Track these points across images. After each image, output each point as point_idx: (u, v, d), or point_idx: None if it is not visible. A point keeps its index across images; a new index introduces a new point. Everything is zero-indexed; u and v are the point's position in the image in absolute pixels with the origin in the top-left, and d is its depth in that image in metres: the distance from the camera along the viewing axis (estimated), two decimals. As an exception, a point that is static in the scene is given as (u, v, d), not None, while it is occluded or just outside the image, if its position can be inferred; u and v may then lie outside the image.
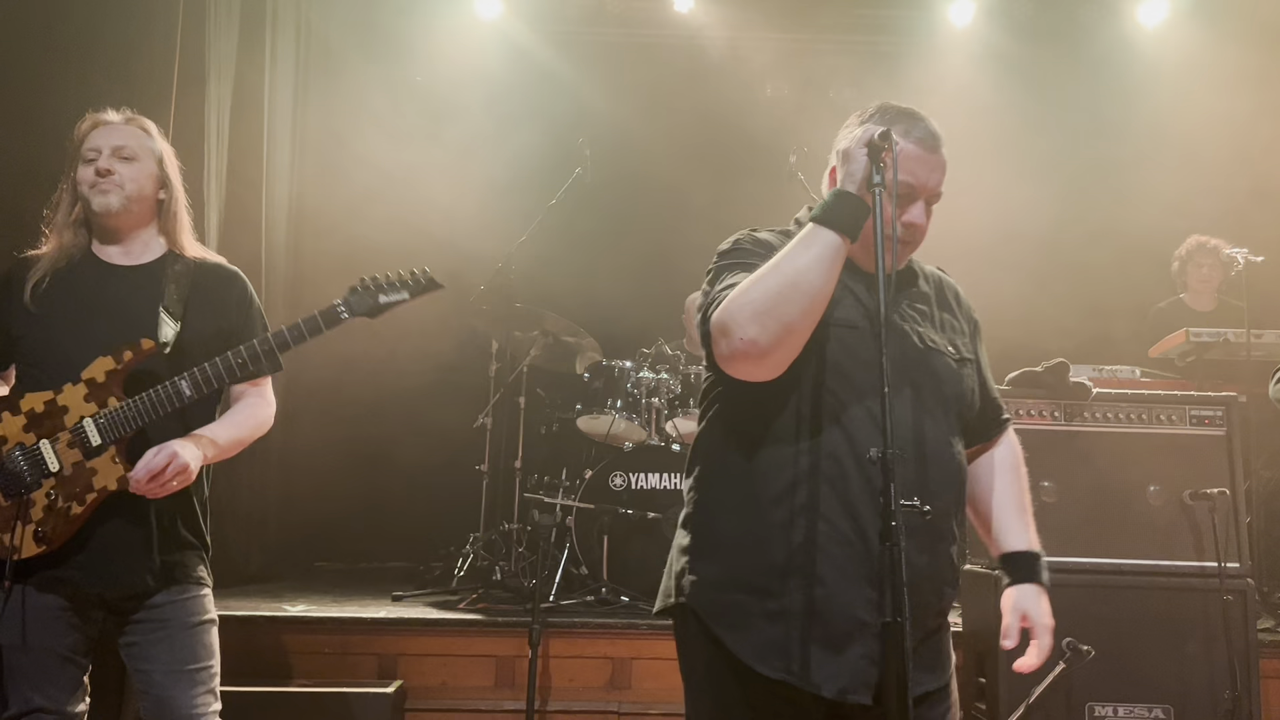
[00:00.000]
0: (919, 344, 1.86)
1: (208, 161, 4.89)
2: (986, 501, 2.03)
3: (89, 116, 2.48)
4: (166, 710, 2.31)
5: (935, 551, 1.79)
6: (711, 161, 6.22)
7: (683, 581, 1.86)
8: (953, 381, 1.88)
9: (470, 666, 3.79)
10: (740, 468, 1.81)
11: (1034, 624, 1.90)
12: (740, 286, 1.74)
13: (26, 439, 2.28)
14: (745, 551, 1.77)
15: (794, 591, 1.72)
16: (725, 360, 1.76)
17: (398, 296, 2.42)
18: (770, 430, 1.78)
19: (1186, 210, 5.50)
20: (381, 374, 5.78)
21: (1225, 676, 3.26)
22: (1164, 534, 3.39)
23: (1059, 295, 5.75)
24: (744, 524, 1.78)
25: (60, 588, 2.28)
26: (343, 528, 6.13)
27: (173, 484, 2.25)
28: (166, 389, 2.29)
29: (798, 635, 1.71)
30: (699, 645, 1.83)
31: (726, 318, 1.72)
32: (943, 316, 1.96)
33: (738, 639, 1.75)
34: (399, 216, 5.61)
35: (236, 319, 2.50)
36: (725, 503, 1.83)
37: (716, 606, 1.79)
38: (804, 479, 1.74)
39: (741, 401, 1.83)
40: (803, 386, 1.77)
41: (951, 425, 1.86)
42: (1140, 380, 4.04)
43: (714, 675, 1.80)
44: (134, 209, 2.43)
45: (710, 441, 1.91)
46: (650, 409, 4.87)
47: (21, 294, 2.36)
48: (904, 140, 1.79)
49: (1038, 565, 1.96)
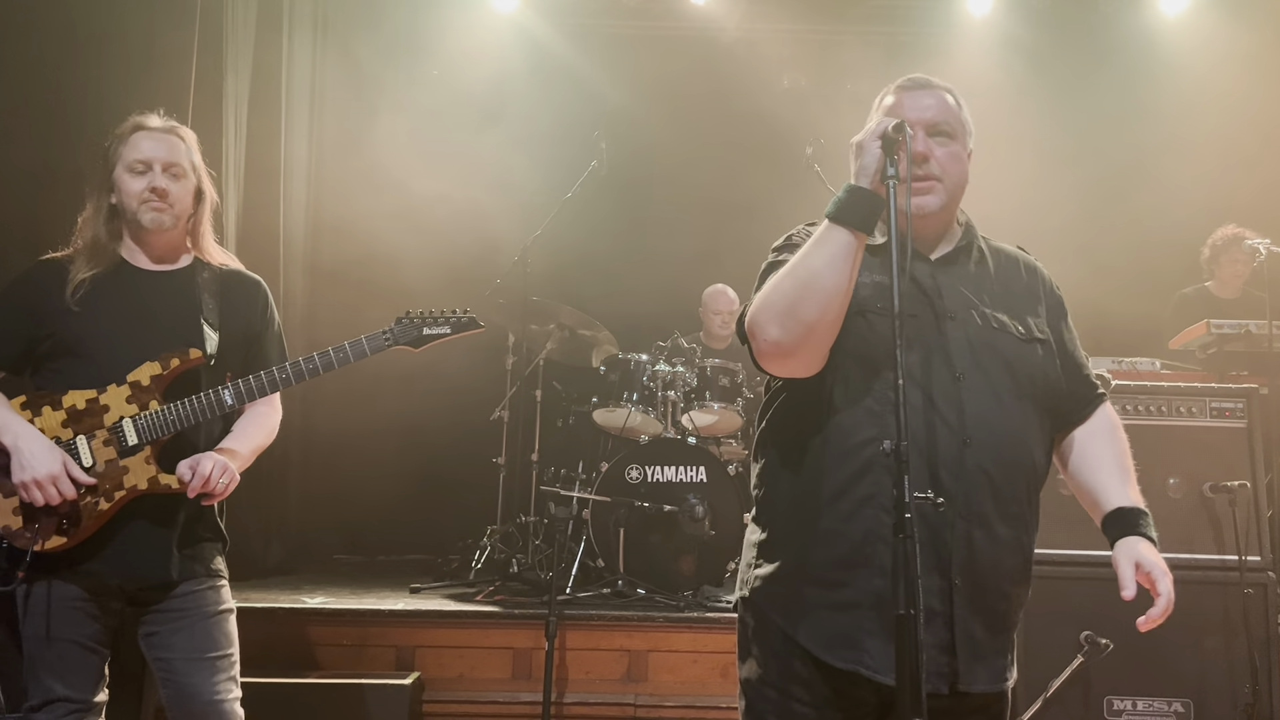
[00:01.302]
0: (981, 324, 1.81)
1: (225, 158, 4.92)
2: (1082, 470, 1.92)
3: (132, 120, 2.51)
4: (188, 698, 2.34)
5: (996, 536, 1.74)
6: (728, 154, 6.21)
7: (750, 575, 1.87)
8: (1024, 361, 1.81)
9: (487, 658, 3.81)
10: (802, 461, 1.81)
11: (1152, 571, 1.76)
12: (766, 287, 1.76)
13: (64, 434, 2.33)
14: (811, 545, 1.77)
15: (859, 583, 1.71)
16: (760, 359, 1.79)
17: (441, 331, 2.56)
18: (828, 423, 1.77)
19: (1211, 201, 5.45)
20: (400, 370, 5.79)
21: (1245, 671, 3.24)
22: (1184, 527, 3.36)
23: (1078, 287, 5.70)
24: (808, 518, 1.77)
25: (81, 580, 2.31)
26: (361, 521, 6.17)
27: (223, 491, 2.36)
28: (209, 397, 2.37)
29: (866, 626, 1.70)
30: (766, 638, 1.82)
31: (752, 319, 1.76)
32: (1008, 294, 1.89)
33: (807, 631, 1.75)
34: (416, 211, 5.63)
35: (260, 326, 2.60)
36: (789, 497, 1.83)
37: (783, 599, 1.80)
38: (863, 471, 1.73)
39: (796, 395, 1.83)
40: (852, 377, 1.76)
41: (1026, 409, 1.80)
42: (1161, 372, 4.01)
43: (782, 668, 1.79)
44: (180, 225, 2.51)
45: (772, 435, 1.91)
46: (666, 402, 4.88)
47: (60, 295, 2.39)
48: (897, 94, 1.86)
49: (1143, 520, 1.83)
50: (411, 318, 2.53)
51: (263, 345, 2.59)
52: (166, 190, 2.44)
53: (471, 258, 5.76)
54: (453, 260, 5.68)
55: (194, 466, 2.32)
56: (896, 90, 1.89)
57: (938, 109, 1.85)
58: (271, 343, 2.62)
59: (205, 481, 2.31)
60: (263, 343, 2.59)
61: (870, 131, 1.72)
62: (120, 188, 2.45)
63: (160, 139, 2.48)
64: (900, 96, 1.87)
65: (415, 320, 2.53)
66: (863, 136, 1.73)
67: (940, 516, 1.67)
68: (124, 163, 2.45)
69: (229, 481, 2.36)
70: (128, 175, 2.44)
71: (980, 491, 1.73)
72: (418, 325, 2.53)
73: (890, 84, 1.91)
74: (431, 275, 5.57)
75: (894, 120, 1.71)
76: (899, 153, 1.67)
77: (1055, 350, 1.89)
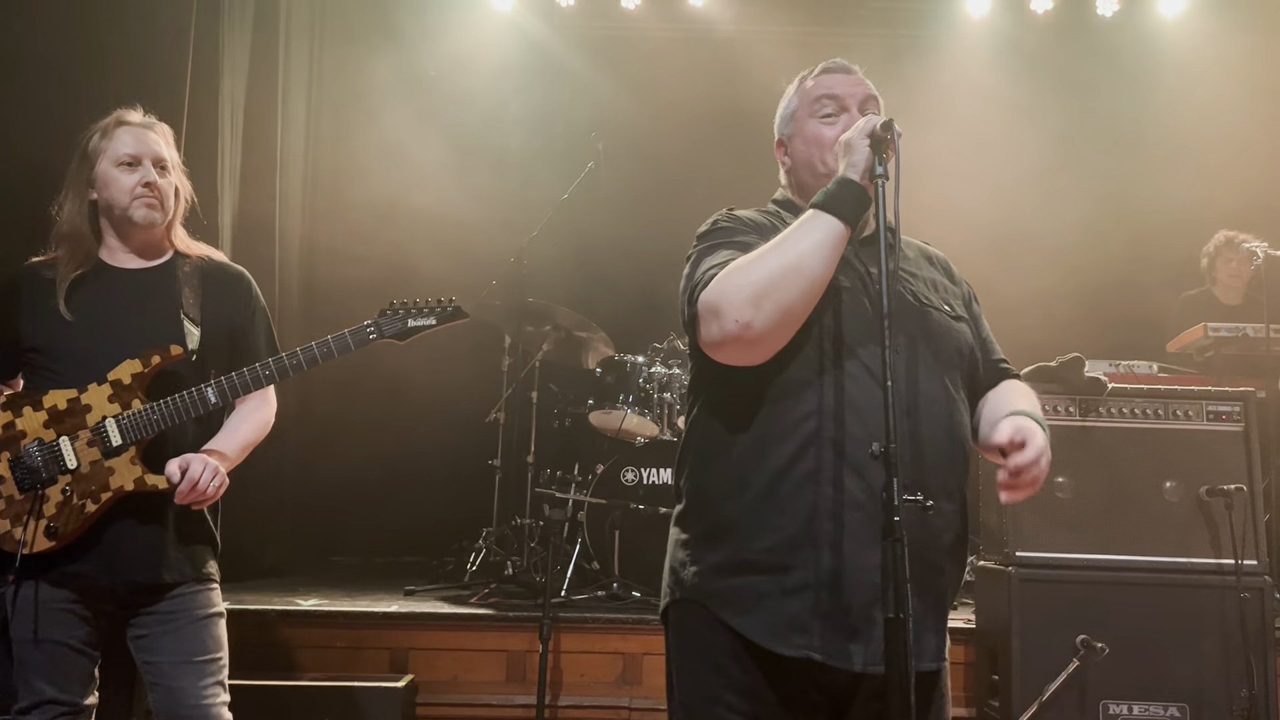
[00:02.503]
0: (913, 301, 1.82)
1: (221, 159, 4.91)
2: (988, 414, 1.88)
3: (114, 115, 2.49)
4: (175, 701, 2.32)
5: (938, 512, 1.69)
6: (724, 154, 6.19)
7: (683, 574, 1.79)
8: (950, 337, 1.83)
9: (482, 661, 3.80)
10: (739, 448, 1.74)
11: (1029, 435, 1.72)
12: (733, 267, 1.70)
13: (46, 435, 2.30)
14: (752, 531, 1.70)
15: (810, 563, 1.65)
16: (713, 345, 1.71)
17: (426, 322, 2.48)
18: (767, 401, 1.72)
19: (1210, 204, 5.43)
20: (395, 371, 5.79)
21: (1242, 675, 3.23)
22: (1180, 531, 3.36)
23: (1074, 290, 5.70)
24: (748, 503, 1.71)
25: (71, 582, 2.30)
26: (356, 523, 6.17)
27: (213, 495, 2.32)
28: (192, 395, 2.33)
29: (817, 609, 1.64)
30: (704, 637, 1.74)
31: (718, 299, 1.67)
32: (933, 278, 1.92)
33: (751, 622, 1.68)
34: (412, 211, 5.62)
35: (244, 319, 2.55)
36: (726, 486, 1.74)
37: (726, 592, 1.72)
38: (808, 446, 1.68)
39: (732, 382, 1.75)
40: (799, 352, 1.72)
41: (954, 380, 1.80)
42: (1158, 376, 4.01)
43: (720, 665, 1.71)
44: (166, 220, 2.48)
45: (702, 432, 1.83)
46: (662, 404, 4.87)
47: (45, 300, 2.37)
48: (822, 75, 1.94)
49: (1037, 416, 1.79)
50: (395, 309, 2.47)
51: (249, 338, 2.53)
52: (160, 186, 2.43)
53: (468, 258, 5.75)
54: (449, 261, 5.66)
55: (184, 467, 2.28)
56: (823, 72, 1.95)
57: (866, 89, 1.92)
58: (259, 335, 2.56)
59: (194, 485, 2.27)
60: (249, 335, 2.54)
61: (859, 129, 1.72)
62: (107, 183, 2.41)
63: (146, 134, 2.46)
64: (831, 76, 1.94)
65: (399, 311, 2.47)
66: (851, 134, 1.73)
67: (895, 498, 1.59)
68: (110, 157, 2.41)
69: (219, 485, 2.32)
70: (116, 170, 2.41)
71: (917, 461, 1.69)
72: (401, 317, 2.46)
73: (809, 70, 1.98)
74: (428, 275, 5.56)
75: (881, 118, 1.70)
76: (888, 151, 1.67)
77: (973, 330, 1.93)
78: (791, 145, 1.97)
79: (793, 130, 1.96)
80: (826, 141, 1.85)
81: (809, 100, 1.93)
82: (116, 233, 2.46)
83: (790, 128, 1.97)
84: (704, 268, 1.76)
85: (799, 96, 1.96)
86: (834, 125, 1.87)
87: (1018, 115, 5.95)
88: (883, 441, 1.56)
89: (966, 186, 5.59)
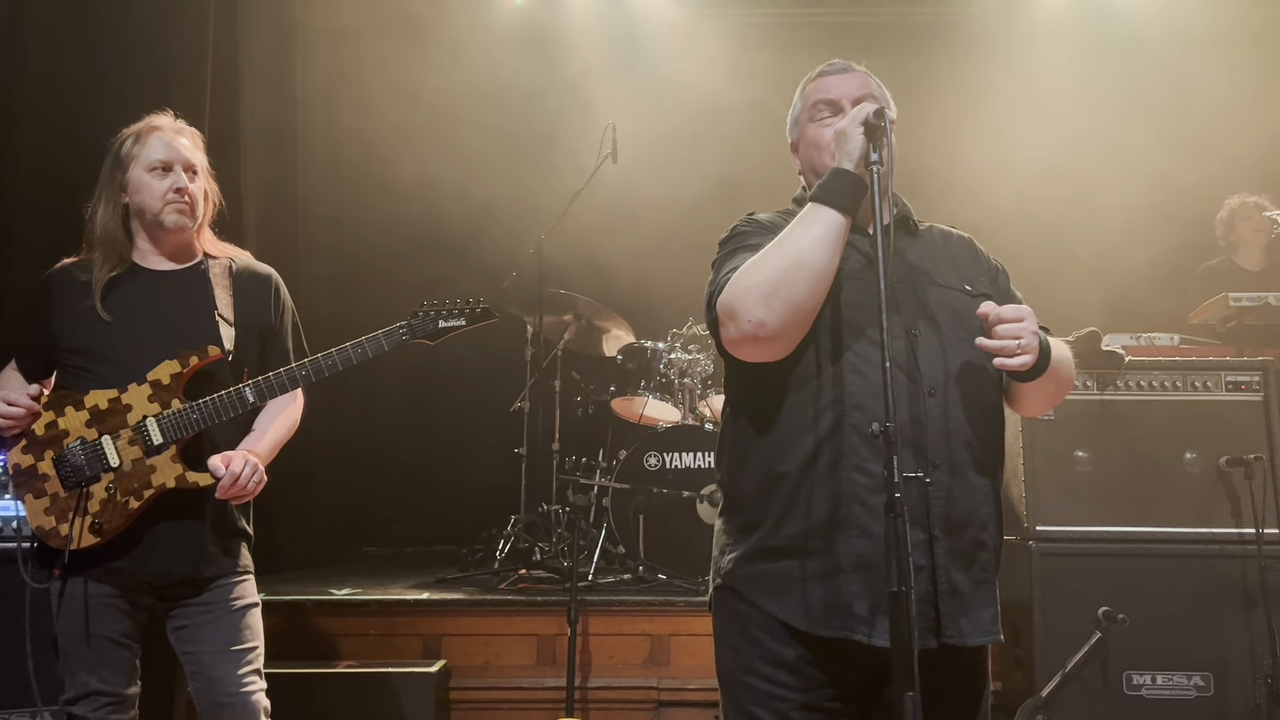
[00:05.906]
0: (930, 283, 1.86)
1: (243, 159, 4.99)
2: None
3: (146, 120, 2.56)
4: (215, 689, 2.41)
5: (970, 484, 1.76)
6: (740, 142, 6.19)
7: (721, 563, 1.87)
8: (972, 314, 1.82)
9: (512, 645, 3.87)
10: (768, 441, 1.81)
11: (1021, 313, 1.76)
12: (743, 269, 1.76)
13: (88, 434, 2.38)
14: (783, 519, 1.77)
15: (840, 547, 1.72)
16: (734, 344, 1.78)
17: (456, 323, 2.55)
18: (791, 393, 1.79)
19: (1227, 173, 5.37)
20: (421, 365, 5.87)
21: (1265, 644, 3.23)
22: (1201, 501, 3.36)
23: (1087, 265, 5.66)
24: (779, 493, 1.78)
25: (113, 576, 2.38)
26: (388, 514, 6.26)
27: (253, 491, 2.40)
28: (231, 395, 2.41)
29: (852, 590, 1.70)
30: (745, 624, 1.81)
31: (732, 301, 1.74)
32: (952, 257, 1.95)
33: (784, 605, 1.76)
34: (433, 202, 5.67)
35: (274, 318, 2.63)
36: (757, 478, 1.82)
37: (759, 577, 1.79)
38: (832, 434, 1.74)
39: (758, 378, 1.83)
40: (818, 342, 1.78)
41: (981, 356, 1.80)
42: (1180, 347, 3.98)
43: (763, 653, 1.78)
44: (197, 224, 2.56)
45: (734, 429, 1.91)
46: (683, 389, 4.91)
47: (79, 301, 2.45)
48: (819, 79, 1.99)
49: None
50: (426, 311, 2.54)
51: (278, 336, 2.62)
52: (191, 191, 2.50)
53: (487, 250, 5.81)
54: (469, 253, 5.73)
55: (227, 462, 2.36)
56: (820, 75, 2.00)
57: (860, 85, 1.95)
58: (287, 333, 2.65)
59: (235, 480, 2.34)
60: (278, 334, 2.62)
61: (853, 118, 1.76)
62: (139, 188, 2.49)
63: (177, 139, 2.53)
64: (827, 77, 1.98)
65: (430, 314, 2.54)
66: (845, 124, 1.77)
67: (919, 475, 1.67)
68: (142, 163, 2.49)
69: (259, 481, 2.40)
70: (148, 176, 2.48)
71: (950, 439, 1.75)
72: (433, 319, 2.53)
73: (811, 74, 2.02)
74: (448, 269, 5.63)
75: (875, 106, 1.74)
76: (882, 139, 1.71)
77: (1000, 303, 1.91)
78: (798, 149, 2.04)
79: (798, 134, 2.03)
80: (824, 144, 1.89)
81: (808, 105, 2.00)
82: (148, 236, 2.54)
83: (796, 132, 2.04)
84: (722, 272, 1.83)
85: (801, 101, 2.03)
86: (830, 127, 1.90)
87: (1024, 88, 5.91)
88: (897, 422, 1.61)
89: (977, 166, 5.57)
